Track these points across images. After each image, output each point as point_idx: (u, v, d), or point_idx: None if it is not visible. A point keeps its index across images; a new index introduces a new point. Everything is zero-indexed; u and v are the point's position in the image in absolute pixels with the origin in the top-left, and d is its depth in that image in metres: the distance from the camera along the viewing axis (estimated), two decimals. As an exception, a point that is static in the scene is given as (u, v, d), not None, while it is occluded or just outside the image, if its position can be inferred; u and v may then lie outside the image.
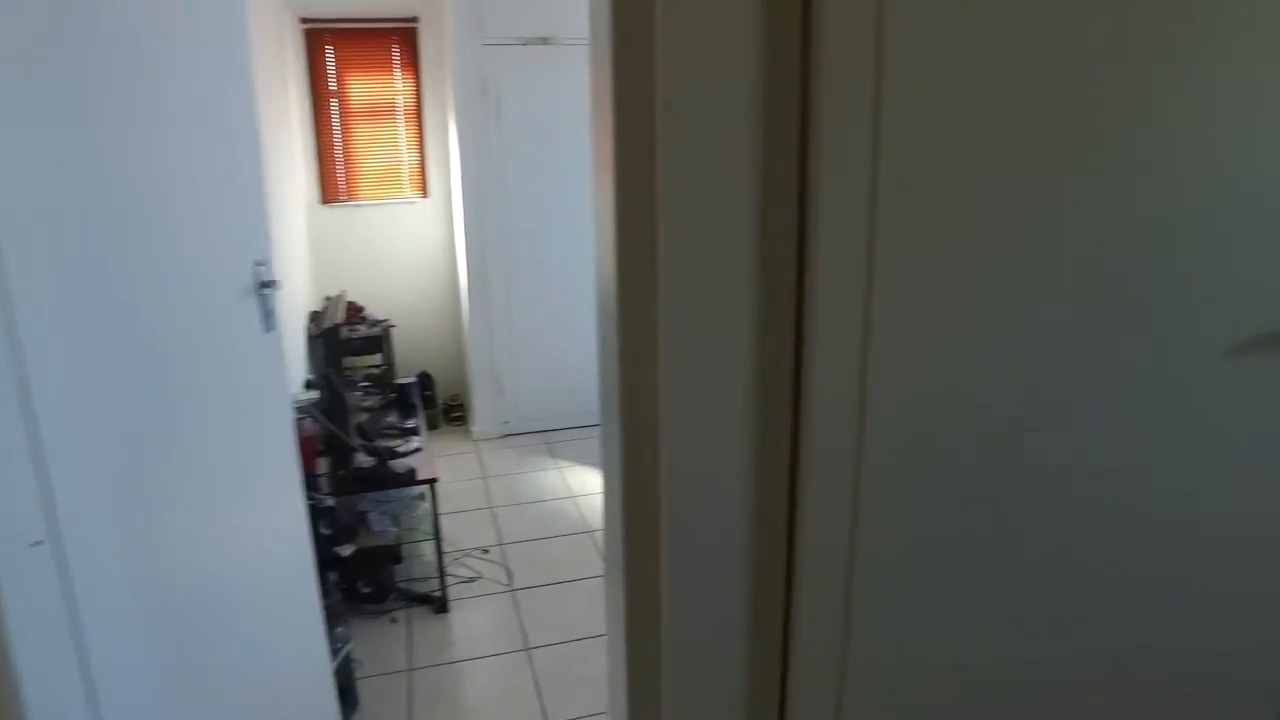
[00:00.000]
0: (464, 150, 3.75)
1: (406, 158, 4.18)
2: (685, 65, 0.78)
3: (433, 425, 4.22)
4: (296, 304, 3.38)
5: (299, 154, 3.89)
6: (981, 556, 0.95)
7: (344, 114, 4.01)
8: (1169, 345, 0.94)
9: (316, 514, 2.31)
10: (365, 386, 3.54)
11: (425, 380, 4.24)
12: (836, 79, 0.78)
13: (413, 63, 4.03)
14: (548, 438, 4.06)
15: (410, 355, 4.26)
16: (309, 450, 2.39)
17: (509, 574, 2.79)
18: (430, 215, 4.26)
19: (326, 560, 2.35)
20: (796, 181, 0.83)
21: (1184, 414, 0.97)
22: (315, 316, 3.70)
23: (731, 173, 0.81)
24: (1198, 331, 0.95)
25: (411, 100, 4.09)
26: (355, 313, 3.93)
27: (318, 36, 3.87)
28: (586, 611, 2.55)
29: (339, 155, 4.04)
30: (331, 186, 4.08)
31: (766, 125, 0.81)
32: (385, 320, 3.95)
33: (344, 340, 3.53)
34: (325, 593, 2.32)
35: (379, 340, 3.82)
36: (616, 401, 0.90)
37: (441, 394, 4.37)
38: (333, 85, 3.97)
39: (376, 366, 3.81)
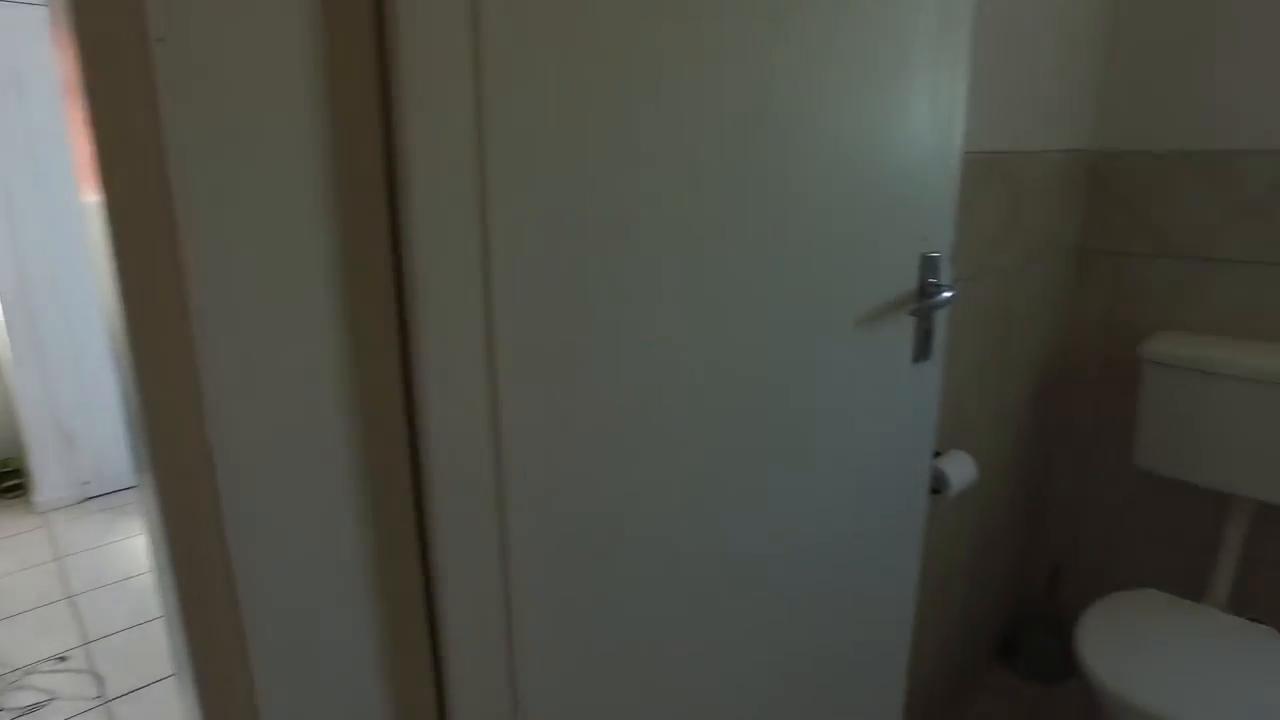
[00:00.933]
0: (-28, 141, 2.86)
1: (-118, 151, 3.08)
2: (184, -18, 0.53)
3: (-28, 503, 3.22)
4: None
5: None
6: (634, 545, 0.84)
7: None
8: (807, 321, 0.93)
9: None
10: None
11: (-48, 446, 3.21)
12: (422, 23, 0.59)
13: (-128, 22, 2.96)
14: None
15: (-77, 416, 3.20)
16: None
17: (99, 681, 2.18)
18: (-67, 228, 3.21)
19: None
20: (381, 153, 0.63)
21: (820, 382, 0.97)
22: None
23: (270, 140, 0.58)
24: (832, 308, 0.95)
25: (-121, 73, 3.01)
26: None
27: None
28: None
29: None
30: None
31: (329, 78, 0.59)
32: None
33: None
34: None
35: None
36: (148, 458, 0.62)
37: (-18, 460, 3.35)
38: None
39: None
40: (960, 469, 1.54)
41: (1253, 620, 1.74)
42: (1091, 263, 2.05)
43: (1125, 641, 1.64)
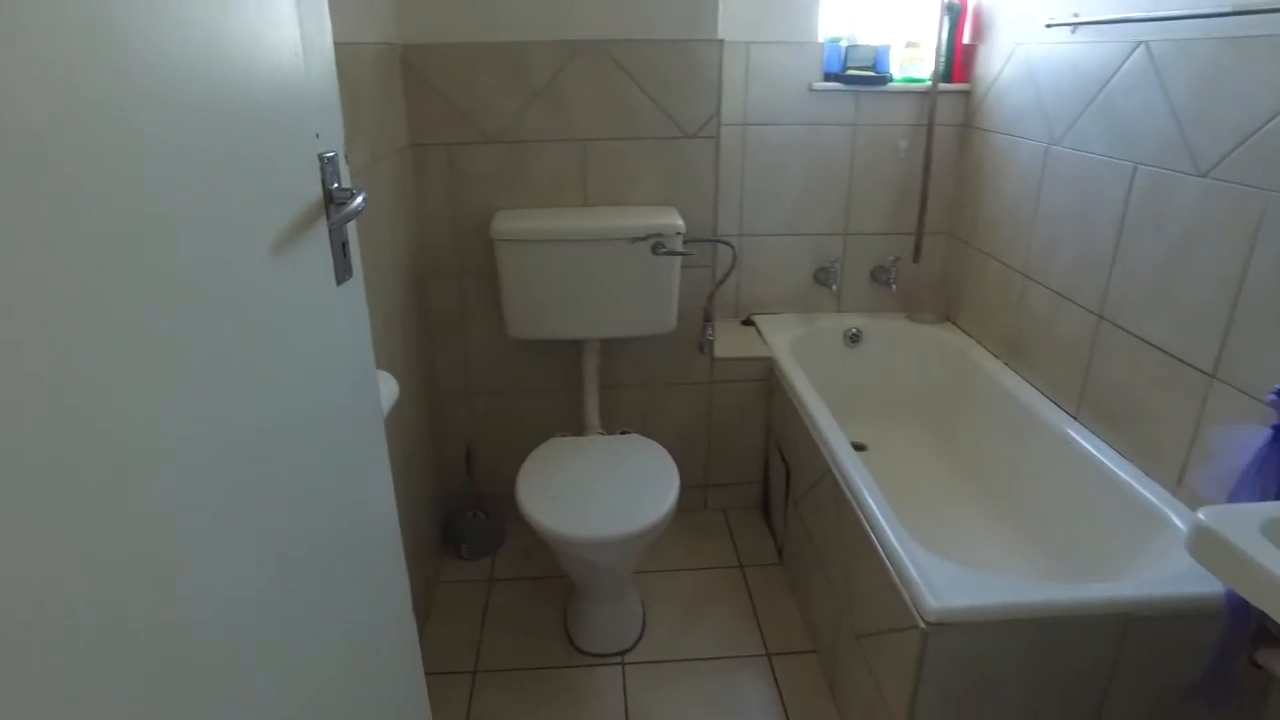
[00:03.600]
0: None
1: None
2: None
3: None
4: None
5: None
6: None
7: None
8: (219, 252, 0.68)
9: None
10: None
11: None
12: None
13: None
14: None
15: None
16: None
17: None
18: None
19: None
20: None
21: (243, 314, 0.74)
22: None
23: None
24: (245, 238, 0.71)
25: None
26: None
27: None
28: None
29: None
30: None
31: None
32: None
33: None
34: None
35: None
36: None
37: None
38: None
39: None
40: (384, 390, 1.46)
41: (623, 433, 2.15)
42: (428, 156, 2.10)
43: (546, 485, 1.85)
